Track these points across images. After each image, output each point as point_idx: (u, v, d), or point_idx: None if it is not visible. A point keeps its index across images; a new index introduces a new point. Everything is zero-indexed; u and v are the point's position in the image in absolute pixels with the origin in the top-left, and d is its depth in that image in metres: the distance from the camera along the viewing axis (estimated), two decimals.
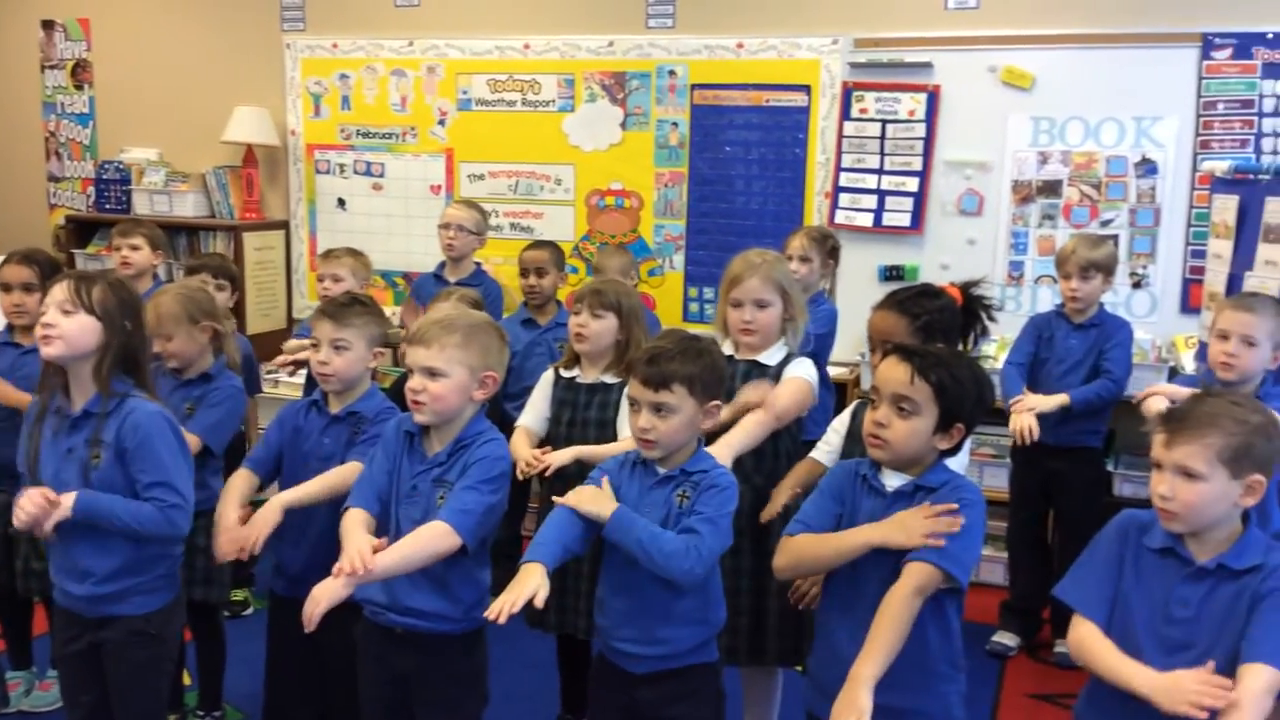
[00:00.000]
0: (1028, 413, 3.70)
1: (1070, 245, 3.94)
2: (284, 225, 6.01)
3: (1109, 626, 2.08)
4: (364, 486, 2.48)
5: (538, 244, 4.56)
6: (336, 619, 2.64)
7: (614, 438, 3.01)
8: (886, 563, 2.12)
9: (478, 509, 2.33)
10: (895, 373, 2.17)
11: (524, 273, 4.39)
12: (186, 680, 3.45)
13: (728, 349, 2.94)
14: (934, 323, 2.70)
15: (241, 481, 2.79)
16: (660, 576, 2.23)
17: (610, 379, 3.11)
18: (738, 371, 2.91)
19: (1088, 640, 2.07)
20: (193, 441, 2.90)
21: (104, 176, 6.15)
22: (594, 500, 2.30)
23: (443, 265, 4.71)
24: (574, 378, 3.16)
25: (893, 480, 2.21)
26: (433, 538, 2.29)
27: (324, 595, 2.21)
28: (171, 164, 6.08)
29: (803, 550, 2.22)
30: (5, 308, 3.37)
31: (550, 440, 3.15)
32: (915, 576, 2.07)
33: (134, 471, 2.47)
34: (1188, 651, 1.97)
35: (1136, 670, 1.98)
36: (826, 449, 2.83)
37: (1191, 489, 1.98)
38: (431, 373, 2.38)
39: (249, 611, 4.21)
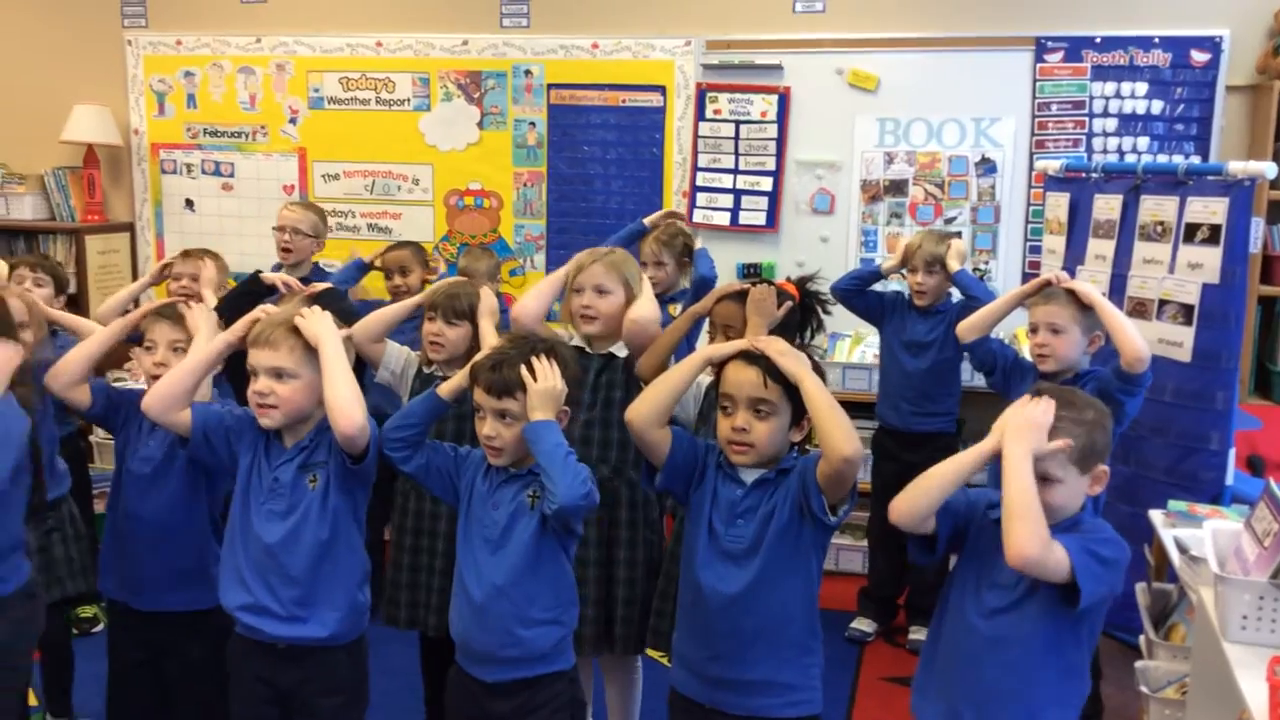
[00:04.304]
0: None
1: (916, 240, 4.06)
2: (129, 227, 5.80)
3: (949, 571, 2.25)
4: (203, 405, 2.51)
5: (398, 244, 4.51)
6: (181, 632, 2.58)
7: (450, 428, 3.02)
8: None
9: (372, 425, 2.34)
10: (747, 376, 2.21)
11: (388, 274, 4.35)
12: (33, 701, 3.32)
13: (580, 341, 2.98)
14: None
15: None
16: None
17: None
18: (591, 365, 2.94)
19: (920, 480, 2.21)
20: None
21: None
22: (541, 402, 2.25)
23: (278, 269, 4.57)
24: (433, 372, 3.14)
25: (750, 475, 2.27)
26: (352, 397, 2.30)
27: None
28: (7, 165, 5.80)
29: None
30: None
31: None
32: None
33: None
34: (1010, 612, 2.13)
35: (974, 449, 2.17)
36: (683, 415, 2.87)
37: (1052, 493, 2.10)
38: (279, 374, 2.34)
39: (99, 628, 4.06)
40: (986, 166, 4.85)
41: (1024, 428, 2.09)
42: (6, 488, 2.33)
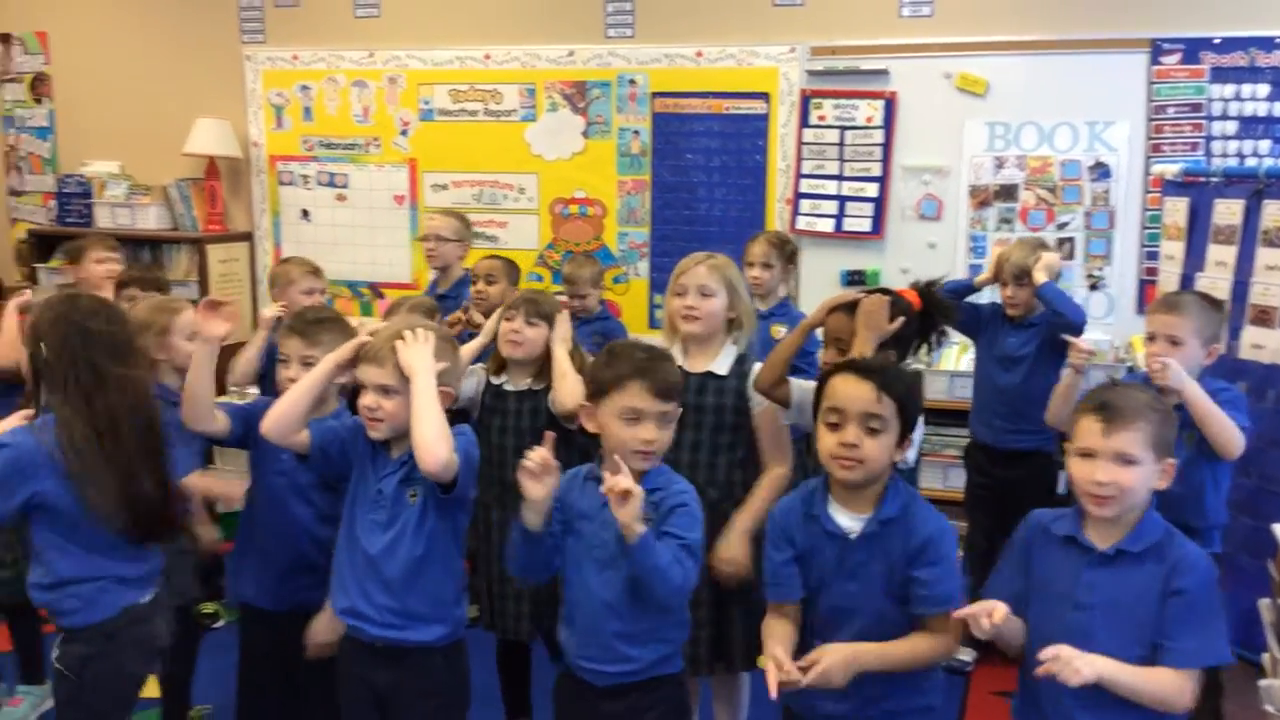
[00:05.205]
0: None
1: (1007, 250, 3.93)
2: (248, 237, 6.00)
3: (1024, 618, 2.16)
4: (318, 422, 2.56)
5: (496, 256, 4.55)
6: (308, 630, 2.66)
7: (513, 441, 3.05)
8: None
9: (461, 458, 2.37)
10: (860, 391, 2.16)
11: (474, 279, 4.36)
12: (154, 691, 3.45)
13: (677, 357, 2.90)
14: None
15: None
16: (640, 599, 2.24)
17: (538, 386, 3.13)
18: (689, 385, 2.86)
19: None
20: None
21: (65, 190, 6.11)
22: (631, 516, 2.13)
23: (435, 280, 4.69)
24: (501, 384, 3.18)
25: (844, 520, 2.22)
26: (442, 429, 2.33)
27: None
28: (133, 177, 6.05)
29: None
30: None
31: (483, 448, 3.13)
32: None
33: None
34: (1093, 638, 2.04)
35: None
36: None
37: (1129, 474, 2.07)
38: (385, 390, 2.40)
39: (219, 624, 4.20)
40: (1100, 171, 4.74)
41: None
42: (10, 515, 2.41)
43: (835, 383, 2.21)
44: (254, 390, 4.10)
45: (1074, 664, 1.94)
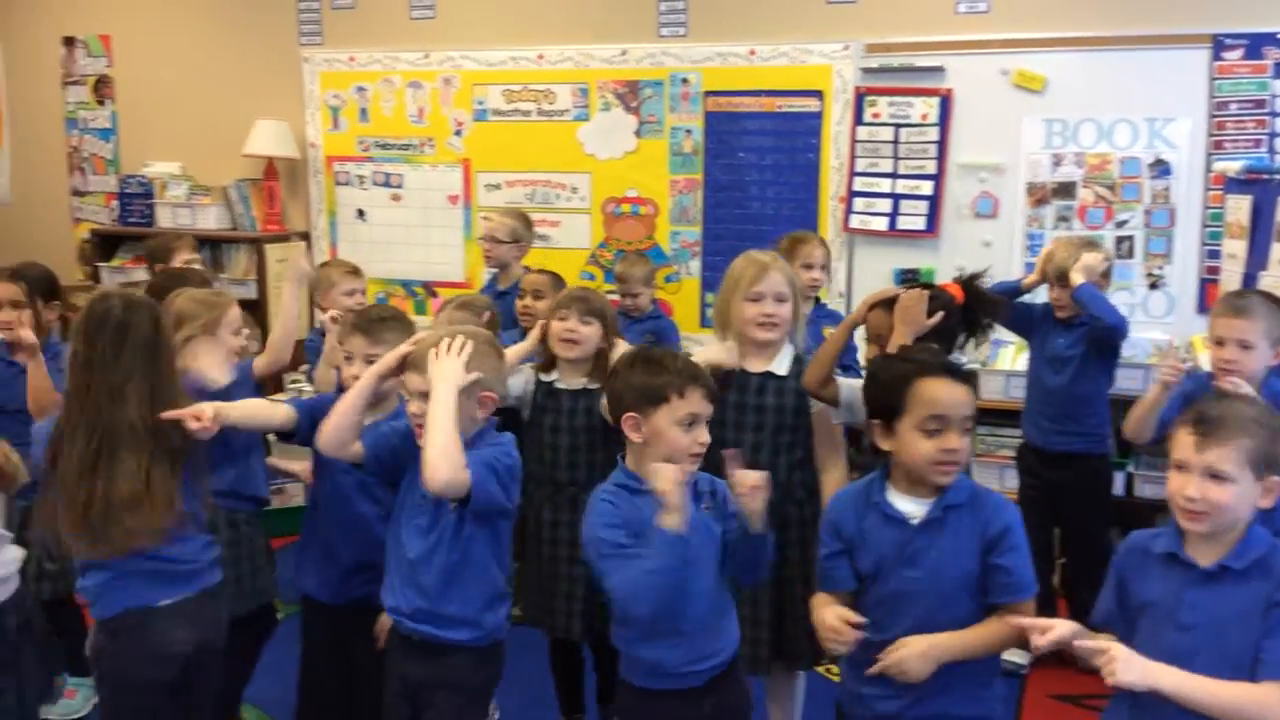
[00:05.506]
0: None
1: (1051, 249, 3.88)
2: (305, 236, 6.08)
3: (1131, 640, 2.08)
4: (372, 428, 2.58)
5: (542, 270, 4.41)
6: (372, 619, 2.70)
7: (600, 443, 3.04)
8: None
9: (484, 471, 2.34)
10: (962, 395, 2.18)
11: (521, 293, 4.23)
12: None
13: (733, 358, 2.90)
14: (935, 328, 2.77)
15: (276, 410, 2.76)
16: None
17: (593, 385, 3.11)
18: (749, 384, 2.88)
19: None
20: None
21: (127, 190, 6.22)
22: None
23: (495, 277, 4.73)
24: (553, 383, 3.18)
25: (906, 505, 2.21)
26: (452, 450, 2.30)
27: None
28: (194, 177, 6.15)
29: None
30: None
31: (535, 446, 3.15)
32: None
33: None
34: (1197, 657, 1.97)
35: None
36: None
37: (1221, 491, 1.99)
38: (426, 396, 2.38)
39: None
40: (1160, 168, 4.66)
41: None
42: None
43: (934, 388, 2.17)
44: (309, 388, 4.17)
45: (1114, 665, 1.91)
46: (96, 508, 2.41)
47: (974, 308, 2.90)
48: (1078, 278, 3.70)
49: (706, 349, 2.94)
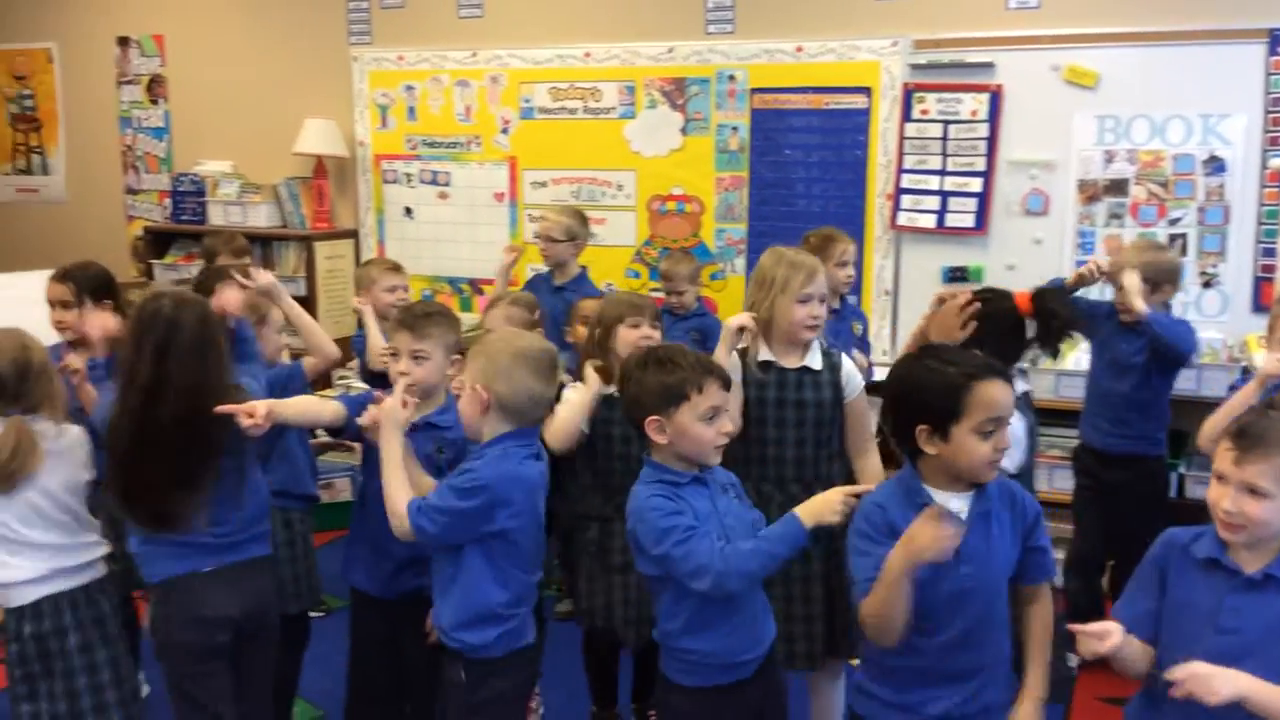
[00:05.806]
0: None
1: (1115, 243, 3.84)
2: (353, 234, 6.14)
3: (1158, 641, 2.08)
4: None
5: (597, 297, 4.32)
6: (423, 611, 2.72)
7: (636, 449, 3.02)
8: None
9: (441, 505, 2.38)
10: (1010, 394, 2.17)
11: (572, 319, 3.99)
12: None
13: (765, 353, 2.90)
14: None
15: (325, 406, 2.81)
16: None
17: None
18: (787, 380, 2.88)
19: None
20: None
21: (180, 189, 6.31)
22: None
23: (550, 272, 4.72)
24: (614, 394, 3.17)
25: (953, 502, 2.17)
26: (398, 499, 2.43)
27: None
28: (245, 176, 6.24)
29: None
30: (52, 324, 3.39)
31: (602, 458, 3.13)
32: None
33: None
34: (1238, 664, 1.94)
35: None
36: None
37: (1258, 506, 1.98)
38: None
39: (320, 614, 4.28)
40: (1215, 165, 4.59)
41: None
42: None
43: (992, 390, 2.12)
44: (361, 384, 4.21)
45: (1211, 683, 1.86)
46: (136, 497, 2.56)
47: (1048, 321, 2.86)
48: (1139, 306, 3.60)
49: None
